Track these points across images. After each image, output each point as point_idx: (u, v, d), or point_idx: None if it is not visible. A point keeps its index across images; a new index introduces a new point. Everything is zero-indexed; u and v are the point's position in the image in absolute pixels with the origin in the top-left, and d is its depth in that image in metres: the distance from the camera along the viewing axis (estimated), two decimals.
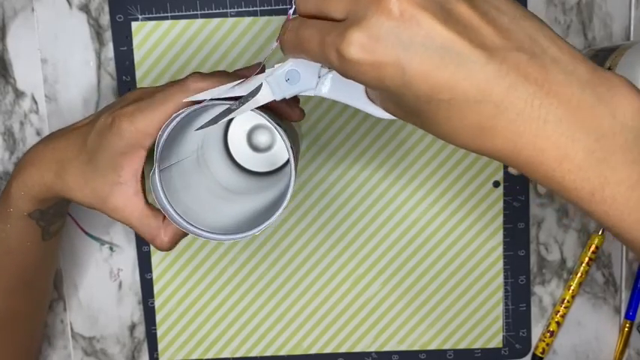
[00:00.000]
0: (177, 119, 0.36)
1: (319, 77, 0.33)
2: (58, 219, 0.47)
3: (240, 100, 0.35)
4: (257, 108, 0.36)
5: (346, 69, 0.28)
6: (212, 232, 0.38)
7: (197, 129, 0.36)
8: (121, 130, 0.38)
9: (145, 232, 0.40)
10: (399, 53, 0.26)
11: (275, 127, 0.36)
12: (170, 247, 0.40)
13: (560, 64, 0.27)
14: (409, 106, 0.28)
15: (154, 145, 0.37)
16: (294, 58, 0.33)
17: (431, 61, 0.26)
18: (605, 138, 0.26)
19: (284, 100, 0.36)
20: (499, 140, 0.27)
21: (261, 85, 0.34)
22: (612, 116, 0.26)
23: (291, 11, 0.32)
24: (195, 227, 0.38)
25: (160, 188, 0.37)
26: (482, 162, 0.54)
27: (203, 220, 0.39)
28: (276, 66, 0.34)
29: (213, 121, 0.36)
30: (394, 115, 0.32)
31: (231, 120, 0.51)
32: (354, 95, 0.33)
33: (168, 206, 0.38)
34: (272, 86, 0.34)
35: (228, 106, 0.35)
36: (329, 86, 0.33)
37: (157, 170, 0.37)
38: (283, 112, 0.40)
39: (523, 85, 0.26)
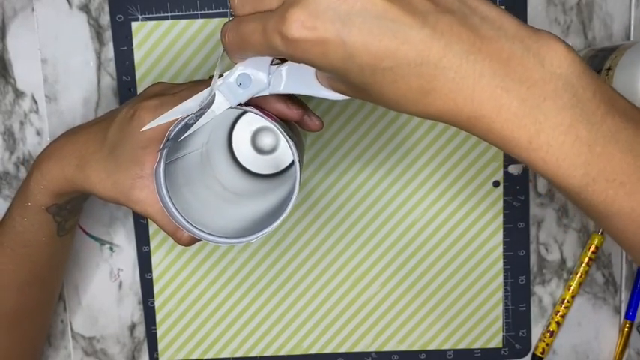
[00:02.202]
0: (180, 126, 0.36)
1: (270, 75, 0.34)
2: (73, 215, 0.47)
3: (196, 114, 0.35)
4: (260, 110, 0.36)
5: (291, 50, 0.29)
6: (209, 233, 0.38)
7: (161, 149, 0.36)
8: (143, 124, 0.38)
9: (165, 225, 0.40)
10: (338, 27, 0.28)
11: (282, 133, 0.36)
12: (189, 242, 0.41)
13: (488, 22, 0.29)
14: (356, 81, 0.30)
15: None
16: (240, 59, 0.33)
17: (369, 31, 0.28)
18: (536, 86, 0.28)
19: (305, 115, 0.37)
20: (441, 101, 0.29)
21: (214, 95, 0.35)
22: (541, 65, 0.28)
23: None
24: (193, 225, 0.38)
25: (162, 182, 0.37)
26: (482, 162, 0.54)
27: (200, 219, 0.39)
28: (225, 74, 0.34)
29: (175, 138, 0.36)
30: (345, 94, 0.33)
31: (235, 121, 0.51)
32: (305, 83, 0.34)
33: (168, 201, 0.38)
34: (225, 94, 0.34)
35: (186, 121, 0.35)
36: (282, 81, 0.34)
37: (162, 163, 0.37)
38: (304, 124, 0.40)
39: (457, 43, 0.28)
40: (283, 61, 0.34)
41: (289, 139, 0.36)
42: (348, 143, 0.54)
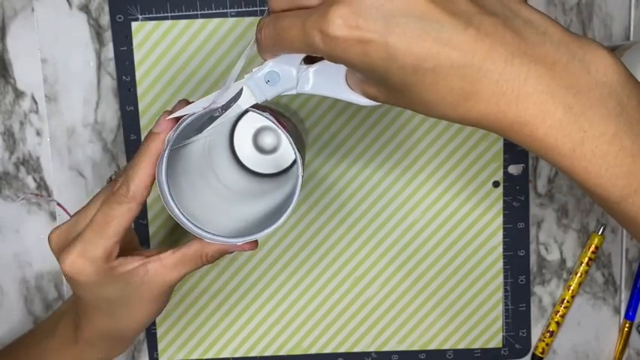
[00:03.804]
0: (191, 119, 0.36)
1: (298, 75, 0.33)
2: None
3: (222, 107, 0.35)
4: (262, 110, 0.36)
5: (332, 48, 0.28)
6: (206, 231, 0.38)
7: (176, 145, 0.36)
8: (80, 273, 0.38)
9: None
10: (381, 26, 0.27)
11: (282, 131, 0.36)
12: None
13: (532, 26, 0.28)
14: (395, 82, 0.29)
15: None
16: (272, 56, 0.33)
17: (413, 32, 0.27)
18: (582, 93, 0.27)
19: None
20: (483, 105, 0.28)
21: (242, 90, 0.34)
22: (587, 72, 0.28)
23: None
24: (187, 219, 0.37)
25: (163, 169, 0.37)
26: (482, 162, 0.54)
27: (196, 214, 0.38)
28: (254, 70, 0.34)
29: (198, 130, 0.36)
30: (376, 99, 0.32)
31: (237, 121, 0.51)
32: (333, 86, 0.33)
33: (165, 189, 0.37)
34: (253, 90, 0.34)
35: (211, 114, 0.35)
36: (310, 82, 0.34)
37: (167, 151, 0.36)
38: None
39: (502, 45, 0.27)
40: (312, 62, 0.34)
41: (296, 150, 0.36)
42: (347, 144, 0.54)
